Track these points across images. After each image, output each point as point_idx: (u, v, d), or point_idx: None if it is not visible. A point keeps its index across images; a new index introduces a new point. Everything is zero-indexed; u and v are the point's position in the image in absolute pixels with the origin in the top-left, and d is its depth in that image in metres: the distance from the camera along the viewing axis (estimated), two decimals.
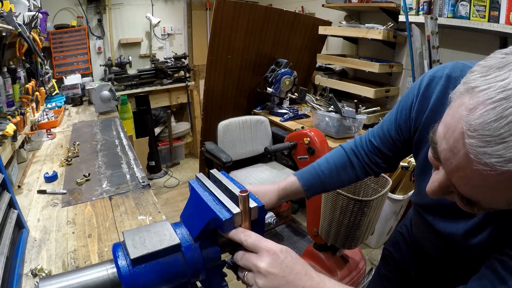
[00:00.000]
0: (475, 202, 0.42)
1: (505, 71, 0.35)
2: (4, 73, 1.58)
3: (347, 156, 0.84)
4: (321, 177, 0.82)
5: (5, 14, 1.49)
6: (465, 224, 0.60)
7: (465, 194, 0.42)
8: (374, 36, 2.20)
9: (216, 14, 2.27)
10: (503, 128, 0.34)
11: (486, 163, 0.36)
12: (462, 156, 0.38)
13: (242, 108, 2.77)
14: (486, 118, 0.35)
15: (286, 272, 0.44)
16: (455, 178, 0.41)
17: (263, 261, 0.44)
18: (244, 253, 0.47)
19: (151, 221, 1.06)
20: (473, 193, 0.41)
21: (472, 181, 0.39)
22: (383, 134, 0.78)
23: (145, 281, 0.44)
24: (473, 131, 0.36)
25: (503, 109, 0.34)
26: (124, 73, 3.10)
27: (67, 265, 0.86)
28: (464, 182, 0.40)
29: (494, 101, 0.35)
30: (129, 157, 1.55)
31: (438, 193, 0.46)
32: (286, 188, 0.83)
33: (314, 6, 3.09)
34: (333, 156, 0.85)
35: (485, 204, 0.41)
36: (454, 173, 0.41)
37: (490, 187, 0.37)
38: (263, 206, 0.50)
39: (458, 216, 0.61)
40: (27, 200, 1.19)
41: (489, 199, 0.40)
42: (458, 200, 0.45)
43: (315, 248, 1.68)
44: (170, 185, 3.17)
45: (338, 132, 2.06)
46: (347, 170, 0.83)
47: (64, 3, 2.95)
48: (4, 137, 1.23)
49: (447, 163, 0.41)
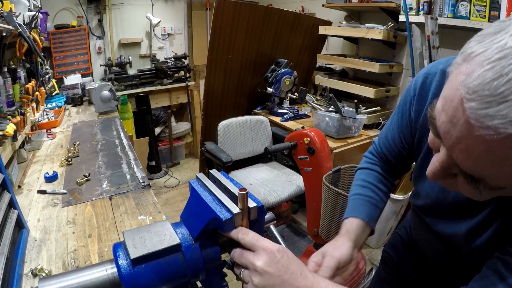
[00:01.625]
0: (480, 179, 0.39)
1: (501, 34, 0.34)
2: (4, 73, 1.58)
3: (374, 171, 0.83)
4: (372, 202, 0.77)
5: (5, 14, 1.49)
6: (468, 224, 0.58)
7: (468, 170, 0.39)
8: (374, 36, 2.20)
9: (216, 14, 2.27)
10: (504, 86, 0.32)
11: (488, 126, 0.33)
12: (462, 124, 0.36)
13: (242, 108, 2.77)
14: (484, 78, 0.33)
15: (282, 271, 0.44)
16: (456, 152, 0.39)
17: (259, 260, 0.45)
18: (241, 250, 0.48)
19: (151, 221, 1.06)
20: (476, 167, 0.38)
21: (475, 152, 0.36)
22: (388, 143, 0.77)
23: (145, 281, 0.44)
24: (472, 93, 0.34)
25: (501, 68, 0.32)
26: (124, 73, 3.10)
27: (67, 265, 0.86)
28: (467, 155, 0.37)
29: (492, 61, 0.33)
30: (129, 157, 1.55)
31: (439, 174, 0.44)
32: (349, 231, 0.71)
33: (314, 6, 3.09)
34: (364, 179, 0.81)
35: (491, 181, 0.38)
36: (455, 147, 0.38)
37: (495, 156, 0.35)
38: (263, 206, 0.50)
39: (459, 216, 0.59)
40: (27, 200, 1.19)
41: (495, 173, 0.37)
42: (462, 182, 0.42)
43: (315, 248, 1.68)
44: (170, 185, 3.17)
45: (338, 132, 2.06)
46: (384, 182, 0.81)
47: (64, 3, 2.95)
48: (4, 137, 1.23)
49: (447, 136, 0.39)
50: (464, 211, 0.56)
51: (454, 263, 0.70)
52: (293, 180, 2.05)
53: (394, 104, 2.54)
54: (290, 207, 2.48)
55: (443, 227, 0.64)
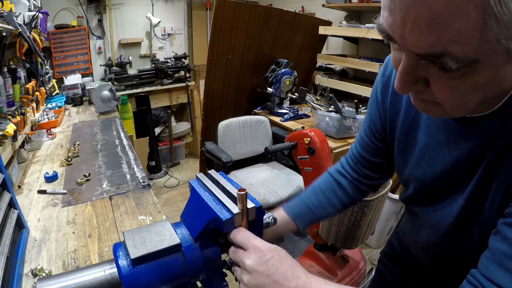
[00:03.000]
0: (442, 53, 0.34)
1: None
2: (4, 73, 1.58)
3: (332, 178, 0.80)
4: (308, 205, 0.77)
5: (5, 14, 1.49)
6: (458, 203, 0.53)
7: (426, 48, 0.35)
8: (374, 36, 2.20)
9: (216, 14, 2.27)
10: None
11: None
12: (398, 2, 0.34)
13: (242, 108, 2.77)
14: None
15: (271, 271, 0.44)
16: (408, 35, 0.35)
17: (249, 258, 0.45)
18: (235, 248, 0.48)
19: (151, 221, 1.06)
20: (431, 37, 0.33)
21: (421, 22, 0.33)
22: (361, 138, 0.75)
23: (145, 281, 0.44)
24: None
25: None
26: (124, 73, 3.10)
27: (67, 265, 0.86)
28: (418, 30, 0.34)
29: None
30: (129, 157, 1.55)
31: (405, 78, 0.40)
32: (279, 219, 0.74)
33: (314, 6, 3.09)
34: (319, 182, 0.82)
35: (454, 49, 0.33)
36: (404, 32, 0.35)
37: (440, 12, 0.31)
38: (261, 207, 0.50)
39: (451, 191, 0.55)
40: (27, 200, 1.19)
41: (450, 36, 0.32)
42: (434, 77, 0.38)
43: (315, 248, 1.68)
44: (170, 185, 3.17)
45: (339, 132, 2.06)
46: (336, 192, 0.78)
47: (64, 3, 2.95)
48: (4, 137, 1.23)
49: (395, 27, 0.36)
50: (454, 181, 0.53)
51: (449, 266, 0.67)
52: (293, 180, 2.05)
53: None
54: None
55: (433, 214, 0.60)
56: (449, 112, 0.42)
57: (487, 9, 0.30)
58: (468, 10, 0.30)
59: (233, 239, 0.48)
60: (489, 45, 0.32)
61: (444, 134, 0.54)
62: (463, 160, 0.51)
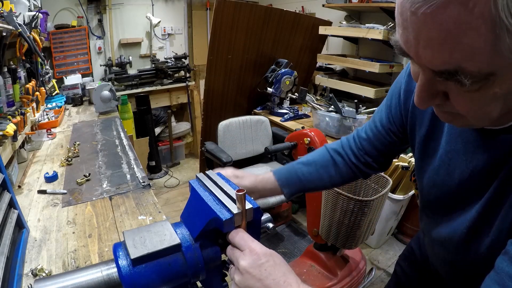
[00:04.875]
0: (456, 70, 0.34)
1: None
2: (4, 73, 1.58)
3: (329, 154, 0.79)
4: (298, 174, 0.77)
5: (5, 14, 1.49)
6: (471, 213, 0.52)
7: (440, 65, 0.35)
8: (374, 36, 2.20)
9: (216, 14, 2.27)
10: None
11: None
12: (410, 19, 0.34)
13: (242, 108, 2.77)
14: None
15: (264, 275, 0.44)
16: (422, 54, 0.36)
17: (243, 260, 0.45)
18: (232, 248, 0.48)
19: (151, 221, 1.06)
20: (444, 55, 0.34)
21: (433, 40, 0.33)
22: (374, 126, 0.73)
23: (145, 281, 0.44)
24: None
25: None
26: (124, 73, 3.10)
27: (68, 265, 0.86)
28: (430, 49, 0.34)
29: None
30: (129, 157, 1.55)
31: (424, 94, 0.40)
32: (264, 179, 0.76)
33: (314, 6, 3.09)
34: (314, 155, 0.81)
35: (468, 65, 0.33)
36: (418, 49, 0.36)
37: (449, 29, 0.31)
38: (259, 208, 0.50)
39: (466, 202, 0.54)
40: (28, 200, 1.19)
41: (462, 53, 0.32)
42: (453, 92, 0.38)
43: (315, 248, 1.68)
44: (171, 185, 3.17)
45: (339, 132, 2.06)
46: (329, 169, 0.78)
47: (64, 3, 2.95)
48: (5, 137, 1.23)
49: (409, 45, 0.37)
50: (470, 192, 0.53)
51: (463, 277, 0.65)
52: None
53: None
54: (290, 207, 2.48)
55: (447, 223, 0.59)
56: (472, 122, 0.42)
57: (498, 23, 0.30)
58: (478, 26, 0.30)
59: (231, 240, 0.48)
60: (504, 58, 0.32)
61: (461, 143, 0.53)
62: (480, 172, 0.50)
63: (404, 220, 2.29)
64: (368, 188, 1.60)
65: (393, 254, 2.19)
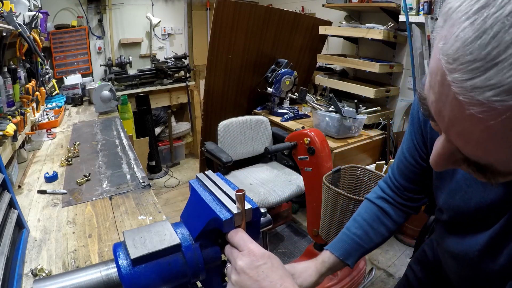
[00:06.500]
0: (486, 166, 0.32)
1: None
2: (4, 73, 1.58)
3: (375, 205, 0.77)
4: (355, 240, 0.74)
5: (5, 14, 1.49)
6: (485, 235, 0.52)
7: (471, 156, 0.32)
8: (374, 36, 2.20)
9: (216, 14, 2.27)
10: (490, 45, 0.24)
11: (479, 101, 0.26)
12: (451, 102, 0.28)
13: (242, 108, 2.77)
14: (464, 38, 0.26)
15: (261, 277, 0.43)
16: (453, 136, 0.32)
17: (241, 260, 0.45)
18: (231, 247, 0.48)
19: (151, 221, 1.06)
20: (479, 153, 0.30)
21: (473, 135, 0.29)
22: (403, 156, 0.71)
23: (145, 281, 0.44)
24: (453, 61, 0.27)
25: (483, 21, 0.25)
26: (124, 73, 3.10)
27: (68, 265, 0.86)
28: (464, 140, 0.30)
29: (470, 15, 0.25)
30: (129, 157, 1.55)
31: (442, 162, 0.37)
32: (325, 261, 0.74)
33: (314, 6, 3.09)
34: (360, 212, 0.78)
35: (500, 166, 0.31)
36: (451, 130, 0.31)
37: (497, 137, 0.27)
38: (258, 208, 0.50)
39: (481, 227, 0.54)
40: (28, 200, 1.19)
41: (503, 158, 0.29)
42: (466, 168, 0.36)
43: (315, 248, 1.68)
44: (171, 185, 3.17)
45: (339, 132, 2.06)
46: (383, 221, 0.75)
47: (64, 3, 2.95)
48: (5, 137, 1.23)
49: (440, 118, 0.32)
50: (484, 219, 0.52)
51: None
52: (293, 180, 2.05)
53: (394, 104, 2.54)
54: (290, 207, 2.48)
55: (460, 244, 0.59)
56: None
57: None
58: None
59: (230, 239, 0.48)
60: None
61: None
62: (497, 203, 0.50)
63: None
64: (368, 188, 1.60)
65: (393, 254, 2.19)
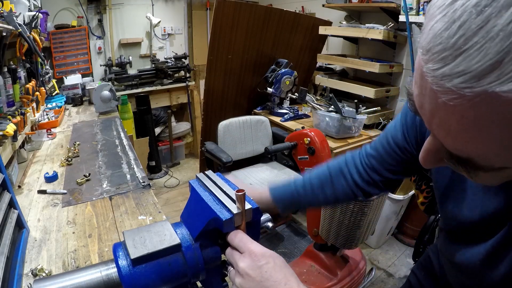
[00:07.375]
0: (467, 159, 0.32)
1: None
2: (4, 73, 1.58)
3: (329, 173, 0.76)
4: (293, 193, 0.76)
5: (5, 14, 1.49)
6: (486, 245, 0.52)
7: (452, 150, 0.32)
8: (374, 36, 2.20)
9: (216, 14, 2.26)
10: (457, 33, 0.25)
11: (449, 89, 0.26)
12: (429, 93, 0.29)
13: (242, 108, 2.77)
14: (435, 30, 0.27)
15: (264, 277, 0.43)
16: (435, 129, 0.32)
17: (243, 262, 0.45)
18: (231, 249, 0.48)
19: (151, 221, 1.06)
20: (458, 145, 0.31)
21: (451, 126, 0.29)
22: (387, 142, 0.69)
23: (145, 281, 0.44)
24: (426, 52, 0.28)
25: (453, 12, 0.26)
26: (124, 73, 3.10)
27: (68, 265, 0.86)
28: (444, 131, 0.31)
29: (443, 8, 0.27)
30: (129, 157, 1.55)
31: (430, 159, 0.38)
32: (259, 195, 0.77)
33: (314, 6, 3.09)
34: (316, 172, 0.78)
35: (480, 160, 0.31)
36: (432, 123, 0.32)
37: (471, 127, 0.28)
38: (258, 208, 0.50)
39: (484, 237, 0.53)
40: (28, 200, 1.19)
41: (480, 149, 0.29)
42: (449, 163, 0.36)
43: (315, 248, 1.68)
44: (171, 185, 3.17)
45: (339, 132, 2.06)
46: (325, 190, 0.75)
47: (65, 3, 2.95)
48: (5, 137, 1.23)
49: (422, 111, 0.32)
50: (487, 228, 0.52)
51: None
52: None
53: (394, 104, 2.54)
54: None
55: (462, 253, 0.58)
56: None
57: None
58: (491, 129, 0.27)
59: (230, 242, 0.48)
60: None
61: None
62: (499, 212, 0.50)
63: (404, 220, 2.29)
64: None
65: (393, 254, 2.19)
